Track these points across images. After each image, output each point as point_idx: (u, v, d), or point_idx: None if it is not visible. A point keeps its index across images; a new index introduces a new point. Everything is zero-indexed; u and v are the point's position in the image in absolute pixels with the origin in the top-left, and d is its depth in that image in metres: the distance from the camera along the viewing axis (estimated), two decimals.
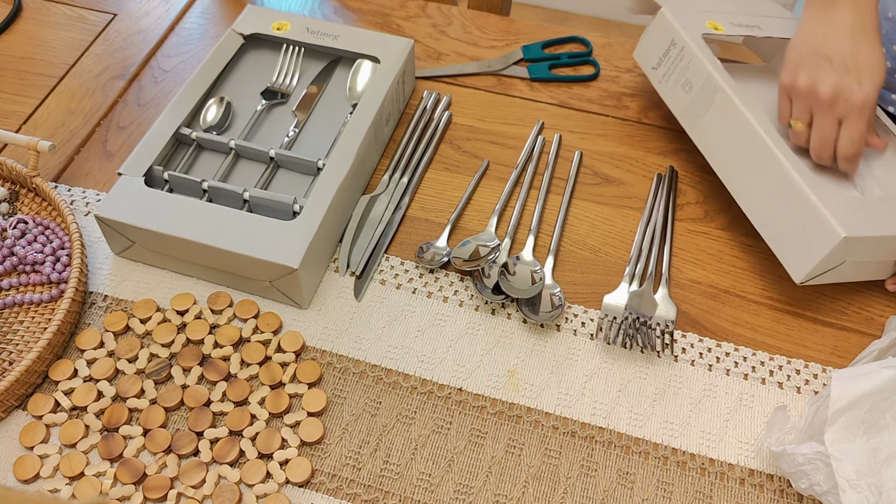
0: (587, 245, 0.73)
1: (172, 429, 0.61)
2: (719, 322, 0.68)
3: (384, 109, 0.76)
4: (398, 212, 0.74)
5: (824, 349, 0.67)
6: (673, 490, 0.59)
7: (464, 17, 0.95)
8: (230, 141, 0.74)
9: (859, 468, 0.52)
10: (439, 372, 0.64)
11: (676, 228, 0.75)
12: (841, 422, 0.53)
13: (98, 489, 0.57)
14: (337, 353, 0.65)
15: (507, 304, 0.69)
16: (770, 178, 0.67)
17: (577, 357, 0.66)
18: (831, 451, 0.52)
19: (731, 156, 0.72)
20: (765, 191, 0.68)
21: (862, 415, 0.53)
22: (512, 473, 0.60)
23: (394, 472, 0.59)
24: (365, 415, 0.62)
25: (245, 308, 0.67)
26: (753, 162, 0.69)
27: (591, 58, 0.90)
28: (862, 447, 0.52)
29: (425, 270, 0.71)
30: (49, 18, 0.92)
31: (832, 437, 0.53)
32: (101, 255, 0.70)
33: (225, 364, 0.64)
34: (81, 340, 0.64)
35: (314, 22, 0.83)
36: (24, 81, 0.85)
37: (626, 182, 0.78)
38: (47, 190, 0.70)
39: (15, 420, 0.61)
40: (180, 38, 0.91)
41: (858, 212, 0.64)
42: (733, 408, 0.63)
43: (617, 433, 0.62)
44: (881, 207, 0.66)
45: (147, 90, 0.85)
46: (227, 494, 0.57)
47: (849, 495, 0.51)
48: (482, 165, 0.78)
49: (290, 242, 0.64)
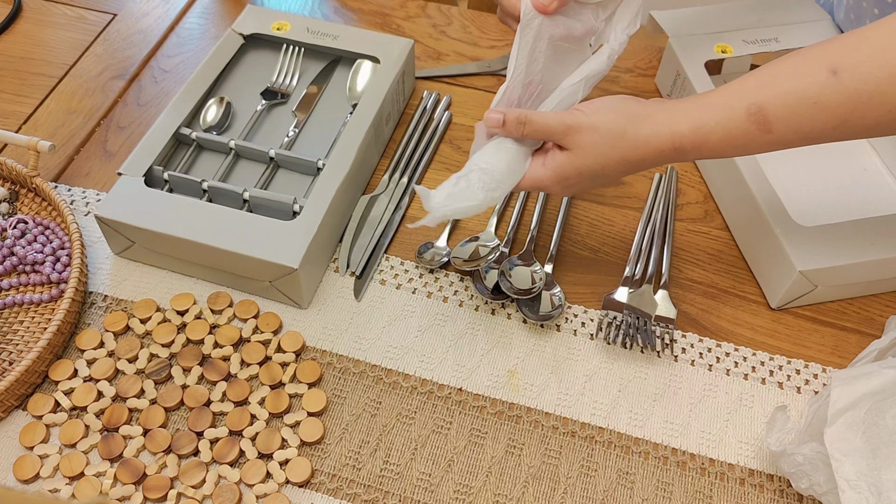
0: (587, 245, 0.73)
1: (172, 429, 0.61)
2: (719, 322, 0.68)
3: (384, 109, 0.76)
4: (398, 212, 0.74)
5: (824, 349, 0.67)
6: (673, 490, 0.59)
7: (464, 17, 0.95)
8: (230, 141, 0.74)
9: (859, 468, 0.52)
10: (439, 372, 0.64)
11: (676, 228, 0.75)
12: (841, 422, 0.53)
13: (98, 489, 0.57)
14: (337, 353, 0.65)
15: (507, 304, 0.69)
16: (747, 210, 0.70)
17: (577, 357, 0.66)
18: (831, 452, 0.52)
19: (721, 185, 0.76)
20: (745, 221, 0.72)
21: (862, 415, 0.53)
22: (512, 473, 0.60)
23: (394, 472, 0.59)
24: (365, 415, 0.62)
25: (245, 308, 0.67)
26: (735, 194, 0.72)
27: None
28: (862, 447, 0.52)
29: (425, 270, 0.71)
30: (49, 18, 0.92)
31: (832, 437, 0.53)
32: (101, 255, 0.70)
33: (225, 364, 0.64)
34: (81, 340, 0.64)
35: (314, 22, 0.83)
36: (24, 81, 0.85)
37: (626, 182, 0.78)
38: (47, 190, 0.70)
39: (15, 420, 0.61)
40: (180, 38, 0.91)
41: (827, 242, 0.65)
42: (733, 408, 0.63)
43: (617, 433, 0.62)
44: (855, 233, 0.66)
45: (147, 90, 0.85)
46: (227, 494, 0.57)
47: (849, 495, 0.51)
48: None
49: (290, 242, 0.64)
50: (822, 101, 0.53)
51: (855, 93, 0.52)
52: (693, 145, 0.56)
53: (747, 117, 0.54)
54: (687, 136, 0.56)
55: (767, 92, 0.54)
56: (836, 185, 0.75)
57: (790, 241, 0.65)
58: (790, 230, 0.66)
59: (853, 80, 0.52)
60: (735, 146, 0.56)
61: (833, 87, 0.52)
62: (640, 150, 0.57)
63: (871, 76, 0.51)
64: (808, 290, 0.67)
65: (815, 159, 0.77)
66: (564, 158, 0.58)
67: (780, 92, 0.54)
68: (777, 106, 0.54)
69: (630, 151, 0.57)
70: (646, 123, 0.57)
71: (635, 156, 0.57)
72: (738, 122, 0.55)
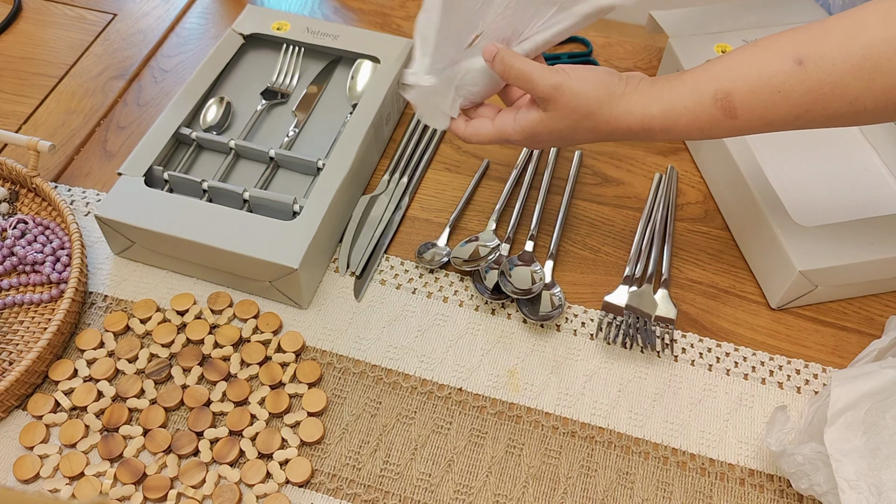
0: (587, 245, 0.73)
1: (172, 429, 0.61)
2: (719, 322, 0.68)
3: (384, 109, 0.76)
4: (398, 212, 0.74)
5: (824, 349, 0.67)
6: (673, 490, 0.59)
7: None
8: (230, 141, 0.74)
9: (859, 468, 0.52)
10: (439, 372, 0.64)
11: (676, 228, 0.75)
12: (840, 422, 0.53)
13: (98, 489, 0.57)
14: (337, 353, 0.65)
15: (507, 304, 0.69)
16: (748, 210, 0.70)
17: (577, 357, 0.66)
18: (831, 452, 0.52)
19: (721, 186, 0.76)
20: (745, 221, 0.72)
21: (862, 415, 0.53)
22: (512, 473, 0.60)
23: (394, 472, 0.59)
24: (365, 415, 0.62)
25: (245, 308, 0.67)
26: (735, 194, 0.73)
27: (591, 58, 0.90)
28: (862, 447, 0.52)
29: (425, 270, 0.71)
30: (49, 18, 0.92)
31: (832, 437, 0.53)
32: (101, 255, 0.70)
33: (225, 364, 0.64)
34: (81, 340, 0.64)
35: (314, 22, 0.83)
36: (24, 81, 0.85)
37: (626, 182, 0.78)
38: (47, 190, 0.70)
39: (15, 420, 0.61)
40: (180, 38, 0.91)
41: (827, 242, 0.65)
42: (733, 408, 0.63)
43: (617, 433, 0.62)
44: (855, 233, 0.66)
45: (147, 90, 0.85)
46: (227, 494, 0.57)
47: (848, 495, 0.51)
48: (482, 165, 0.78)
49: (290, 242, 0.64)
50: (786, 91, 0.53)
51: (818, 83, 0.52)
52: (662, 127, 0.57)
53: (714, 103, 0.55)
54: (657, 119, 0.57)
55: (734, 78, 0.55)
56: (836, 185, 0.75)
57: (790, 241, 0.65)
58: (790, 230, 0.66)
59: (816, 70, 0.52)
60: (701, 130, 0.57)
61: (797, 77, 0.52)
62: (611, 125, 0.58)
63: (834, 67, 0.51)
64: (808, 290, 0.67)
65: (816, 159, 0.77)
66: (538, 118, 0.59)
67: (746, 79, 0.54)
68: (743, 93, 0.54)
69: (602, 125, 0.58)
70: (621, 102, 0.58)
71: (606, 129, 0.59)
72: (705, 106, 0.56)
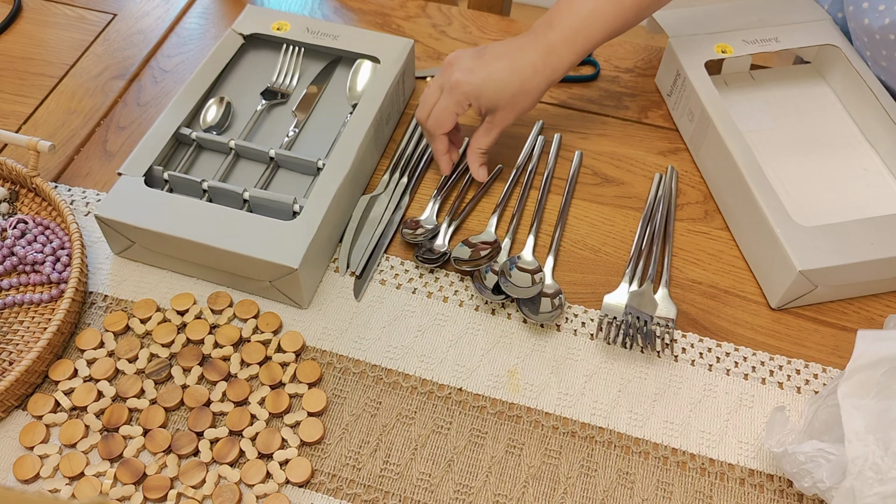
0: (587, 245, 0.73)
1: (172, 429, 0.61)
2: (719, 322, 0.68)
3: (384, 109, 0.76)
4: (398, 212, 0.74)
5: (824, 349, 0.67)
6: (673, 490, 0.59)
7: (464, 17, 0.95)
8: (230, 141, 0.74)
9: (869, 423, 0.52)
10: (439, 372, 0.64)
11: (676, 228, 0.75)
12: (857, 378, 0.53)
13: (98, 489, 0.57)
14: (337, 353, 0.65)
15: (507, 304, 0.69)
16: (748, 210, 0.70)
17: (577, 357, 0.66)
18: (842, 404, 0.52)
19: (721, 185, 0.76)
20: (745, 221, 0.72)
21: (878, 376, 0.53)
22: (512, 473, 0.60)
23: (394, 472, 0.59)
24: (365, 415, 0.62)
25: (245, 308, 0.67)
26: (735, 194, 0.72)
27: (591, 58, 0.90)
28: (873, 406, 0.52)
29: (425, 270, 0.71)
30: (49, 18, 0.92)
31: (845, 390, 0.53)
32: (101, 255, 0.70)
33: (225, 364, 0.64)
34: (81, 340, 0.64)
35: (314, 22, 0.83)
36: (24, 81, 0.85)
37: (626, 182, 0.78)
38: (47, 190, 0.70)
39: (15, 420, 0.61)
40: (180, 38, 0.91)
41: (827, 242, 0.65)
42: (733, 408, 0.63)
43: (617, 433, 0.62)
44: (855, 233, 0.66)
45: (147, 90, 0.85)
46: (227, 494, 0.57)
47: (855, 446, 0.50)
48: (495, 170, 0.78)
49: (290, 242, 0.64)
50: None
51: None
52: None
53: None
54: None
55: None
56: (836, 185, 0.75)
57: (790, 241, 0.65)
58: (790, 230, 0.66)
59: None
60: None
61: None
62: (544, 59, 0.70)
63: None
64: (808, 290, 0.67)
65: (816, 159, 0.77)
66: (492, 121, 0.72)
67: None
68: None
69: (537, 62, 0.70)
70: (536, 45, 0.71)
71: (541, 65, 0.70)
72: None
